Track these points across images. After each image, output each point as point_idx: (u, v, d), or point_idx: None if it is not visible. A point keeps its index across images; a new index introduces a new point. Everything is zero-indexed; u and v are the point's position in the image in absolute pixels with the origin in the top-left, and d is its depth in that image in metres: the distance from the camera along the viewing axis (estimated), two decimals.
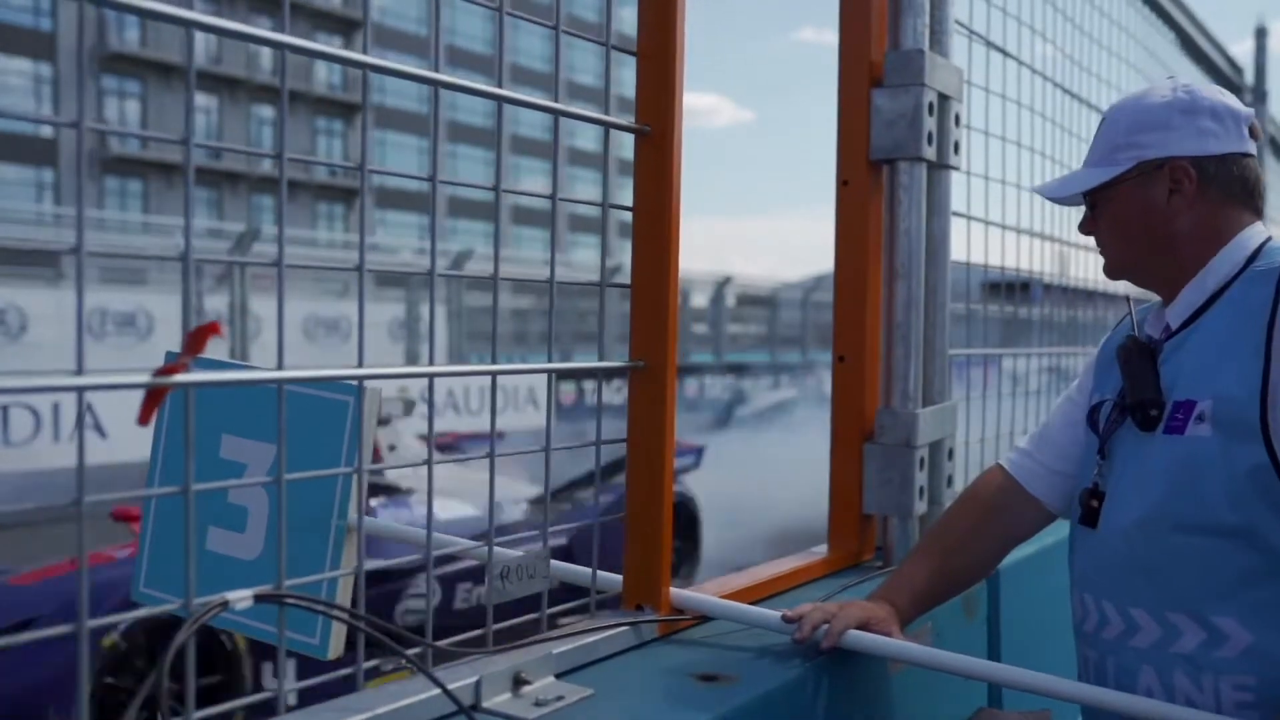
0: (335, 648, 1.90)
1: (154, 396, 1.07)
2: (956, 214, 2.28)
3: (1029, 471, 1.71)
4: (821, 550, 2.13)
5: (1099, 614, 1.54)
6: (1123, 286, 1.94)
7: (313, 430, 1.63)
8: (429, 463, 1.36)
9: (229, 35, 1.10)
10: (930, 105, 2.10)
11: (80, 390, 1.02)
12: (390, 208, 36.53)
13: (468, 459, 1.44)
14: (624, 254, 1.63)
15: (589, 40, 1.58)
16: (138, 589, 2.12)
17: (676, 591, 1.66)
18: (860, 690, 1.67)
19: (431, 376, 1.36)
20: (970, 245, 2.48)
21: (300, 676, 1.30)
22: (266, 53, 36.29)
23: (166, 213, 30.62)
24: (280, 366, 1.21)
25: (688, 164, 1.65)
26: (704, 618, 1.69)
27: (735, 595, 1.77)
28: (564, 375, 1.69)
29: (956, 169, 2.25)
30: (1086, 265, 3.24)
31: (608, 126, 1.58)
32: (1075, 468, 1.67)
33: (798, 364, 23.83)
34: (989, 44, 2.59)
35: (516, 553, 1.45)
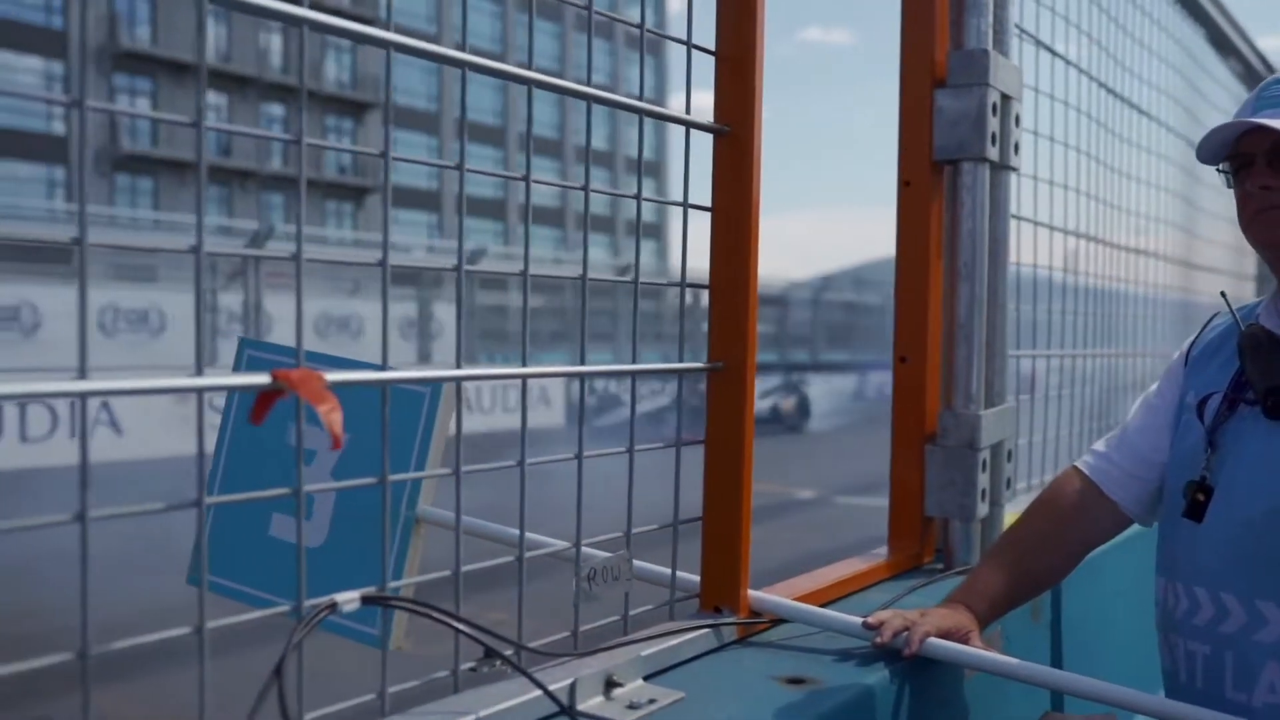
0: (396, 640, 1.90)
1: (266, 399, 1.07)
2: (1016, 216, 2.27)
3: (1107, 475, 1.70)
4: (882, 552, 2.12)
5: (1216, 607, 1.53)
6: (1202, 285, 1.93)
7: (380, 419, 1.63)
8: (521, 464, 1.35)
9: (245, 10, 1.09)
10: (994, 105, 2.09)
11: (200, 390, 1.02)
12: (401, 206, 36.57)
13: (560, 460, 1.43)
14: (634, 252, 1.62)
15: (672, 40, 1.57)
16: (193, 574, 2.12)
17: (753, 594, 1.65)
18: (937, 695, 1.66)
19: (524, 378, 1.35)
20: (1020, 245, 2.47)
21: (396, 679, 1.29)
22: (276, 50, 36.34)
23: (178, 210, 30.66)
24: (385, 366, 1.21)
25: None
26: (779, 620, 1.68)
27: (804, 598, 1.76)
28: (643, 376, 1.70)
29: (1017, 170, 2.24)
30: (1134, 267, 3.24)
31: (688, 126, 1.58)
32: (1154, 471, 1.66)
33: (808, 363, 23.85)
34: (1038, 43, 2.58)
35: (603, 554, 1.45)
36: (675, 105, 1.58)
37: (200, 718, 1.02)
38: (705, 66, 1.60)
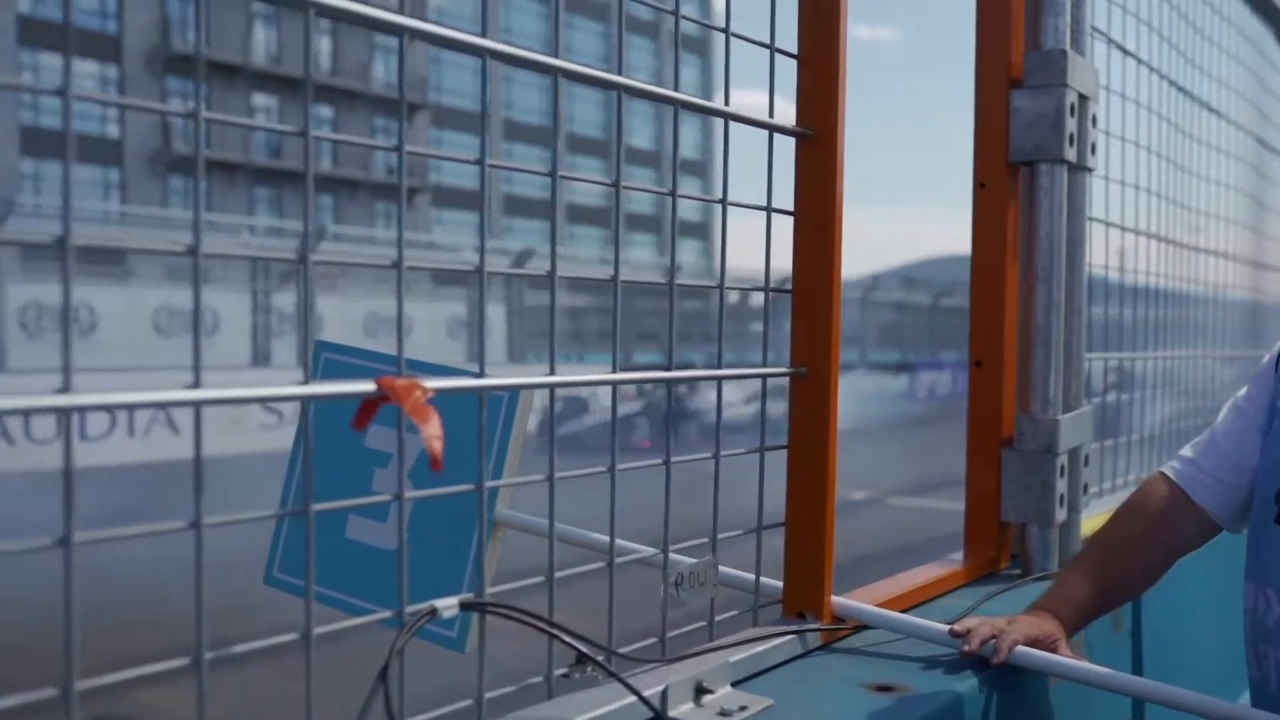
0: (472, 643, 1.91)
1: (369, 406, 1.07)
2: (1093, 219, 2.25)
3: (1195, 481, 1.68)
4: (958, 558, 2.10)
5: None
6: (1271, 285, 1.90)
7: (463, 421, 1.64)
8: (612, 469, 1.35)
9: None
10: (1071, 106, 2.07)
11: (307, 399, 1.02)
12: (447, 206, 36.81)
13: (648, 465, 1.43)
14: (680, 252, 1.61)
15: (754, 44, 1.57)
16: (271, 574, 2.14)
17: (837, 600, 1.64)
18: (1023, 703, 1.64)
19: (615, 384, 1.35)
20: (1092, 248, 2.44)
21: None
22: (326, 53, 36.65)
23: (230, 211, 31.04)
24: (481, 373, 1.21)
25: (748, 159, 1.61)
26: (861, 626, 1.67)
27: (885, 604, 1.75)
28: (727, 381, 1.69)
29: (1093, 171, 2.21)
30: (1205, 267, 3.19)
31: (771, 130, 1.57)
32: (1243, 477, 1.63)
33: (856, 363, 23.70)
34: (1110, 41, 2.55)
35: (689, 560, 1.45)
36: (718, 100, 1.56)
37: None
38: (758, 65, 1.59)
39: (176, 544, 0.95)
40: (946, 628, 1.58)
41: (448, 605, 1.15)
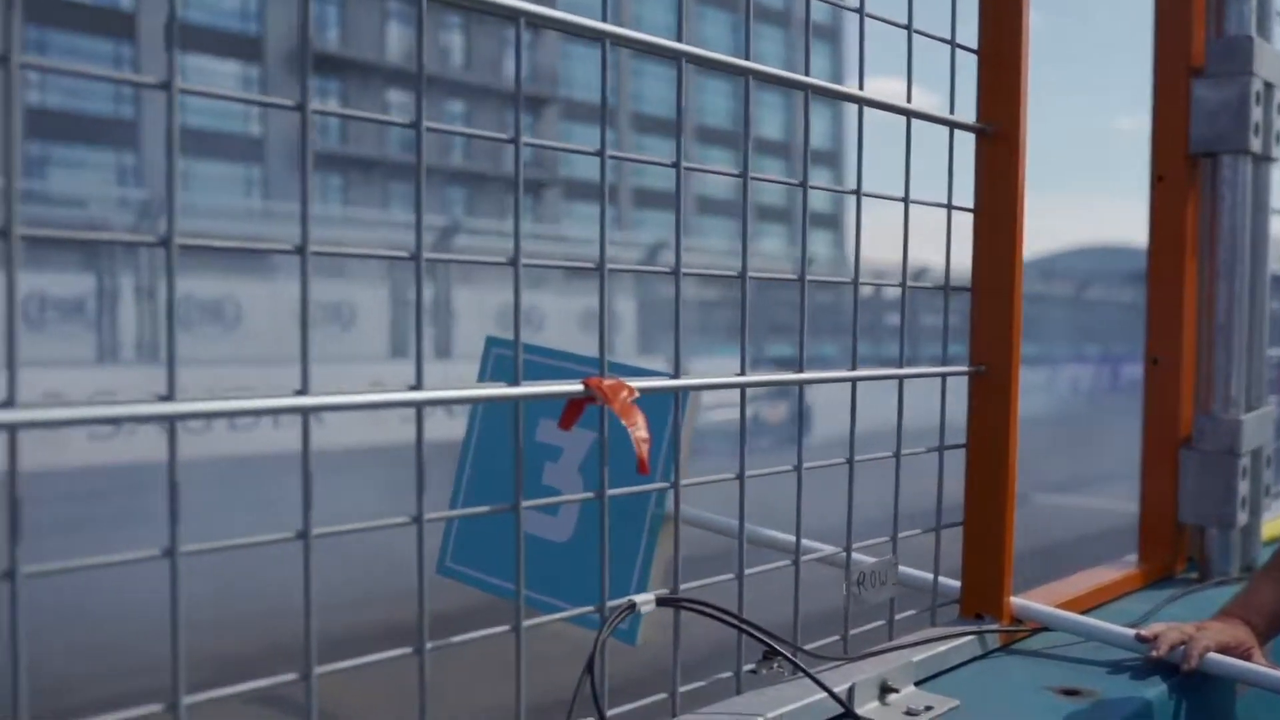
0: (642, 636, 1.94)
1: (575, 406, 1.10)
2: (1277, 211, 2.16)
3: None
4: (1132, 560, 2.05)
5: None
6: None
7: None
8: (798, 468, 1.36)
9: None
10: (1257, 94, 1.99)
11: (519, 399, 1.05)
12: (577, 199, 37.17)
13: (833, 464, 1.43)
14: (813, 244, 1.59)
15: (936, 39, 1.55)
16: (443, 564, 2.20)
17: (1016, 600, 1.62)
18: (1213, 711, 1.60)
19: (800, 384, 1.35)
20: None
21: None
22: (458, 49, 37.29)
23: (365, 205, 31.86)
24: (676, 374, 1.23)
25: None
26: (1040, 627, 1.65)
27: (1062, 606, 1.72)
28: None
29: (1279, 161, 2.13)
30: None
31: (952, 127, 1.56)
32: None
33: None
34: None
35: (871, 559, 1.44)
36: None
37: (517, 713, 1.06)
38: (894, 53, 1.56)
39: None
40: (1132, 632, 1.55)
41: (645, 601, 1.17)
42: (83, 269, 14.28)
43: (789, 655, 1.25)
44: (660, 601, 1.18)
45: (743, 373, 1.28)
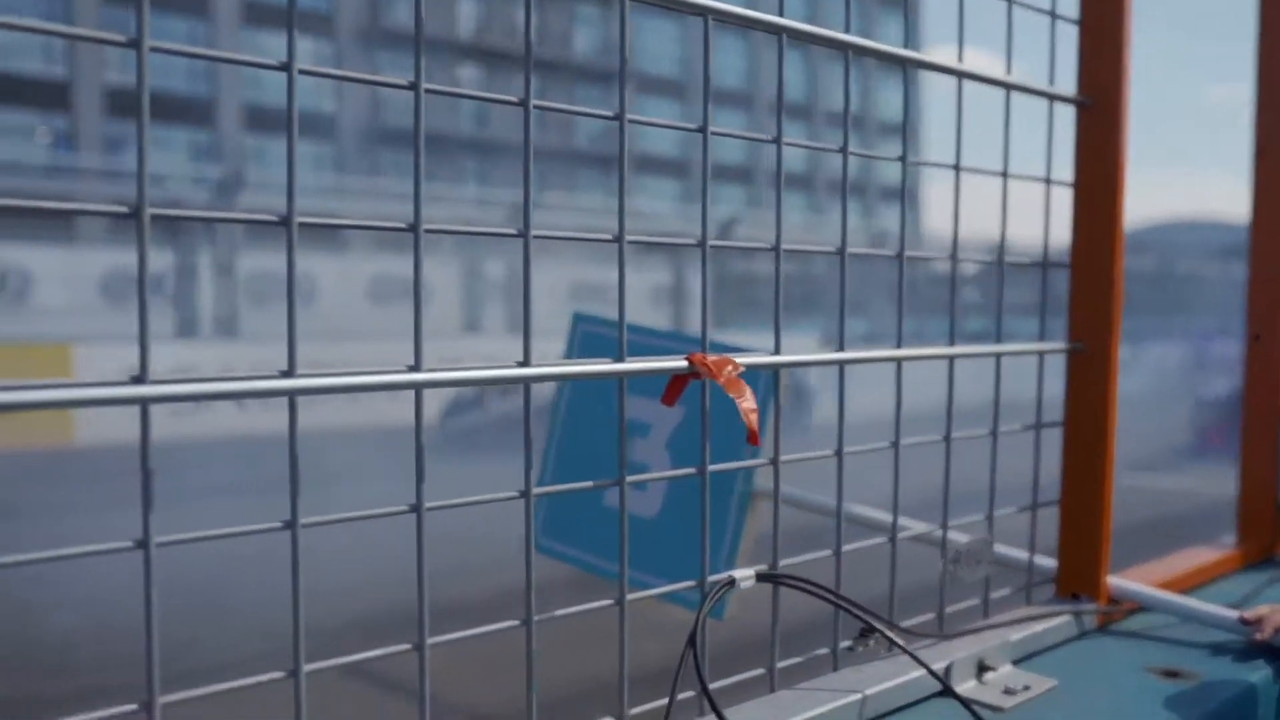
0: (729, 612, 1.94)
1: (679, 382, 1.10)
2: None
3: None
4: (1230, 541, 2.01)
5: None
6: None
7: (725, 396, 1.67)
8: (895, 444, 1.35)
9: None
10: None
11: (623, 375, 1.06)
12: (649, 174, 37.10)
13: (928, 442, 1.42)
14: (891, 218, 1.56)
15: (1035, 10, 1.52)
16: (535, 539, 2.23)
17: (1113, 580, 1.60)
18: None
19: (899, 360, 1.35)
20: None
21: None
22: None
23: (437, 181, 32.08)
24: (777, 350, 1.23)
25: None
26: (1137, 608, 1.63)
27: (1160, 586, 1.69)
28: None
29: None
30: None
31: (1051, 99, 1.53)
32: None
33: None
34: None
35: (965, 538, 1.43)
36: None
37: (620, 687, 1.08)
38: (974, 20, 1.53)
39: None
40: (1235, 614, 1.52)
41: (745, 576, 1.18)
42: (161, 245, 14.58)
43: (887, 633, 1.25)
44: (760, 577, 1.19)
45: (841, 349, 1.28)
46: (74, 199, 0.79)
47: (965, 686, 1.32)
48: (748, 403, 1.04)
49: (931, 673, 1.24)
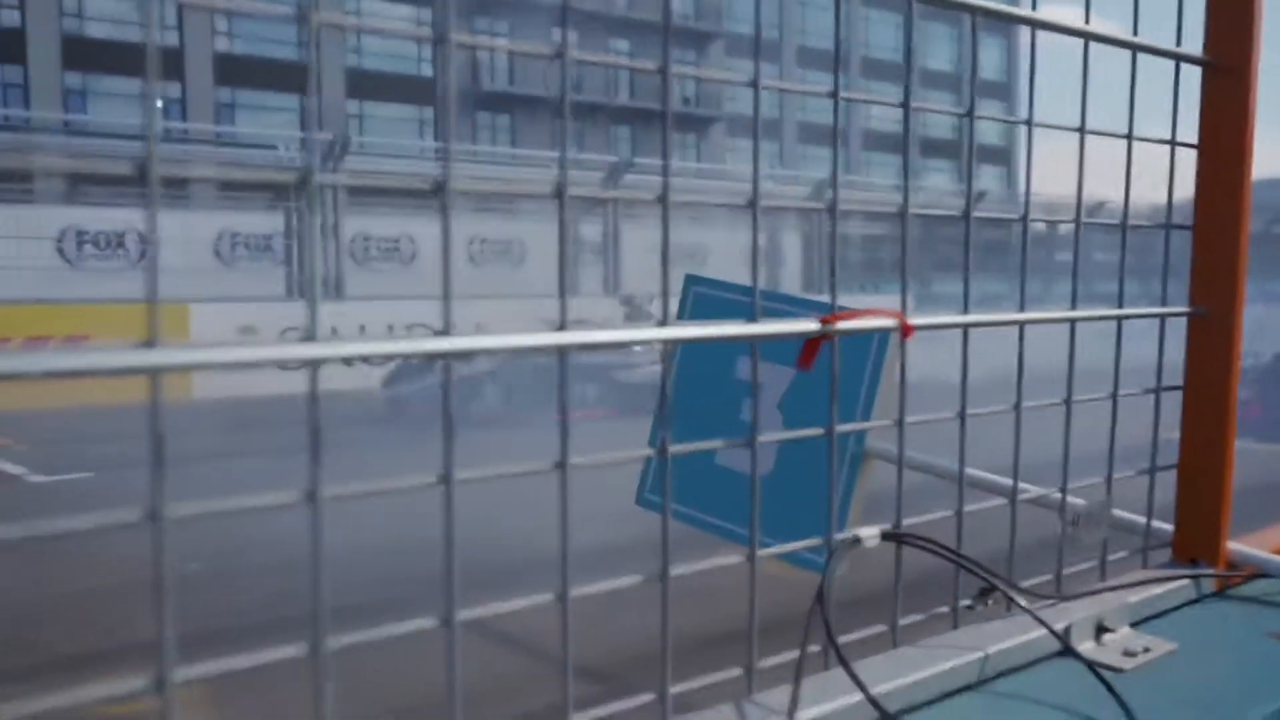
0: (843, 569, 1.97)
1: (814, 345, 1.13)
2: None
3: None
4: None
5: None
6: None
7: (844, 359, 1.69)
8: (1017, 407, 1.37)
9: None
10: None
11: (754, 338, 1.09)
12: (742, 135, 36.86)
13: (1050, 405, 1.43)
14: (978, 179, 1.55)
15: None
16: (642, 495, 2.28)
17: (1231, 545, 1.60)
18: None
19: (1022, 324, 1.36)
20: None
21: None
22: None
23: (532, 145, 32.29)
24: (903, 308, 1.25)
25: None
26: (1257, 574, 1.62)
27: (1277, 553, 1.68)
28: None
29: None
30: None
31: (1177, 59, 1.52)
32: None
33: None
34: None
35: (1081, 501, 1.45)
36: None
37: (750, 640, 1.12)
38: None
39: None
40: None
41: (870, 535, 1.21)
42: (270, 209, 14.95)
43: (1008, 592, 1.27)
44: (885, 536, 1.22)
45: (965, 312, 1.29)
46: (187, 163, 0.83)
47: (1084, 647, 1.33)
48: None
49: (1053, 633, 1.26)
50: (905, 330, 1.25)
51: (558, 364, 0.95)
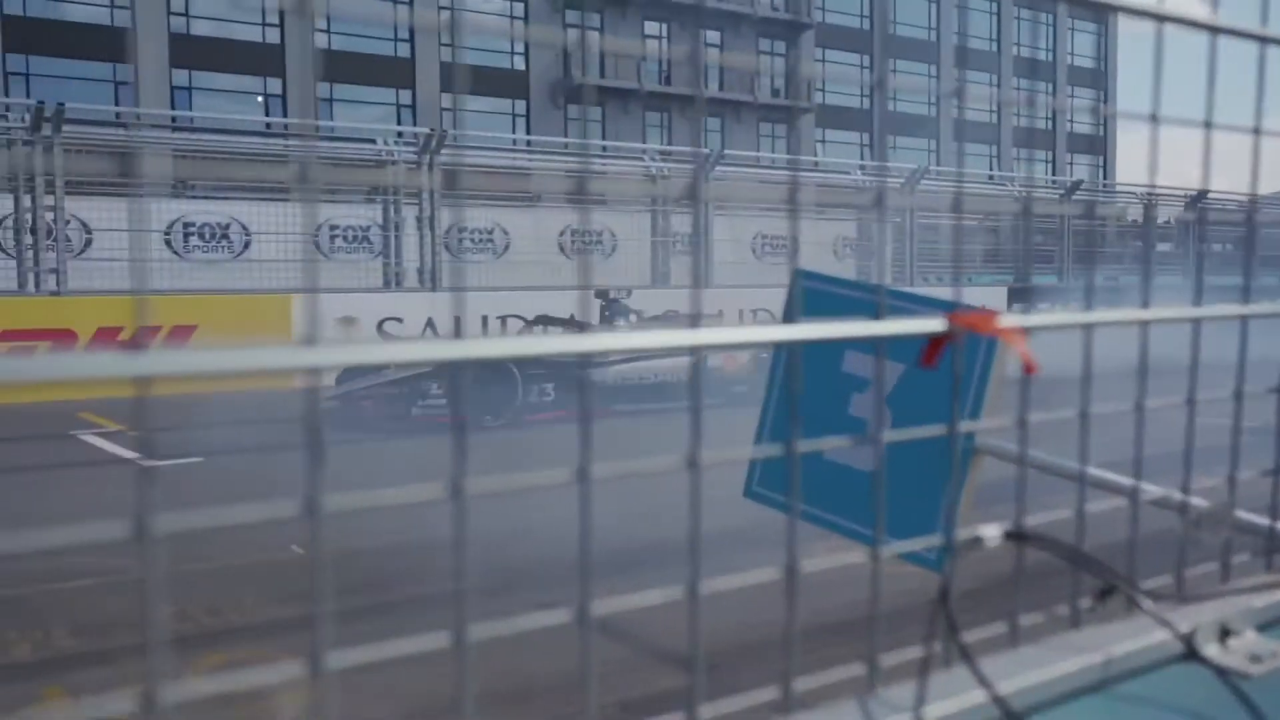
0: (948, 565, 1.96)
1: (937, 343, 1.13)
2: None
3: None
4: None
5: None
6: None
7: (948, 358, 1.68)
8: (1139, 405, 1.35)
9: None
10: None
11: (880, 339, 1.09)
12: (830, 127, 36.61)
13: (1174, 404, 1.41)
14: (1075, 169, 1.51)
15: None
16: (750, 487, 2.28)
17: None
18: None
19: (1146, 322, 1.34)
20: None
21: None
22: None
23: (622, 137, 32.40)
24: (1023, 310, 1.23)
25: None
26: None
27: None
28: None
29: None
30: None
31: (1264, 41, 1.48)
32: None
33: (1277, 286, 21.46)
34: None
35: (1205, 501, 1.42)
36: None
37: (870, 631, 1.12)
38: None
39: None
40: None
41: (992, 535, 1.20)
42: (367, 202, 15.22)
43: (1130, 593, 1.25)
44: (1007, 535, 1.21)
45: (1088, 309, 1.28)
46: (285, 158, 0.85)
47: (1209, 651, 1.31)
48: (1023, 345, 1.08)
49: (1179, 636, 1.24)
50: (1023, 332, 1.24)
51: (689, 363, 0.98)
